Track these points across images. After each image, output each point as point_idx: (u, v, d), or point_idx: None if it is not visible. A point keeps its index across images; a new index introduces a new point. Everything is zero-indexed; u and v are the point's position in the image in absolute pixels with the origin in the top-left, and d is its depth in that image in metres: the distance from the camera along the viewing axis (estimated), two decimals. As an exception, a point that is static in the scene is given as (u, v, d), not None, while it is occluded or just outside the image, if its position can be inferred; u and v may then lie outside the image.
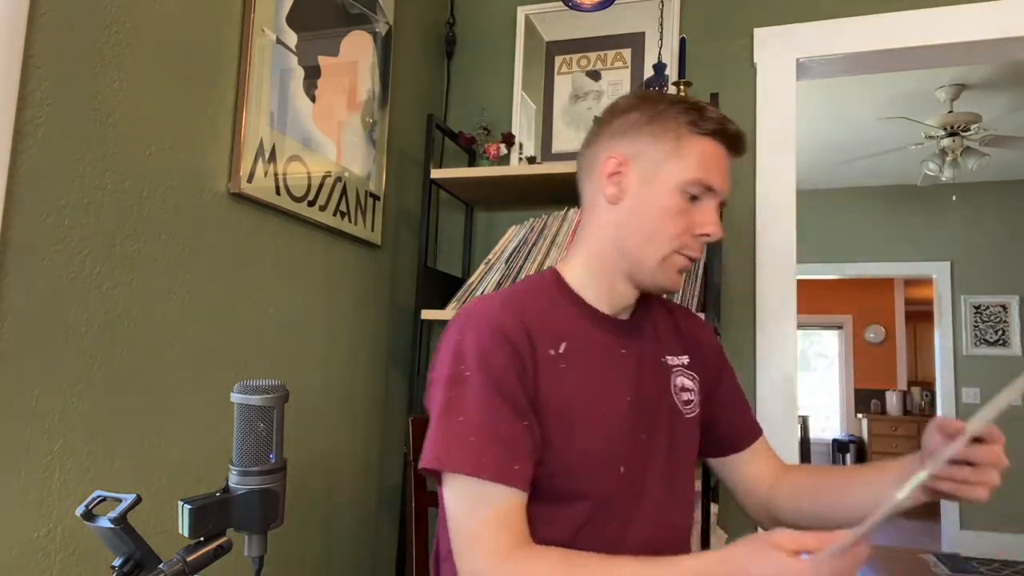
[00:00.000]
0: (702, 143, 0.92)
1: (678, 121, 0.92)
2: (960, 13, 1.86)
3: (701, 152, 0.92)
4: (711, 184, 0.92)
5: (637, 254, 0.94)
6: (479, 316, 0.90)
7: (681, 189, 0.91)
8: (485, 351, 0.87)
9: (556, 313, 0.95)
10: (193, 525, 0.72)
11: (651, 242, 0.92)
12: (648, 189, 0.93)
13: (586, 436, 0.90)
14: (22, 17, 0.96)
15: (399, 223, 2.02)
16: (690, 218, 0.92)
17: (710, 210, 0.93)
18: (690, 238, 0.93)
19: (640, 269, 0.94)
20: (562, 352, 0.91)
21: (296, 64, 1.53)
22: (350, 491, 1.77)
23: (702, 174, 0.91)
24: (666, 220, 0.92)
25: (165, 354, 1.22)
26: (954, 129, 3.99)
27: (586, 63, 2.14)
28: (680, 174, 0.91)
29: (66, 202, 1.05)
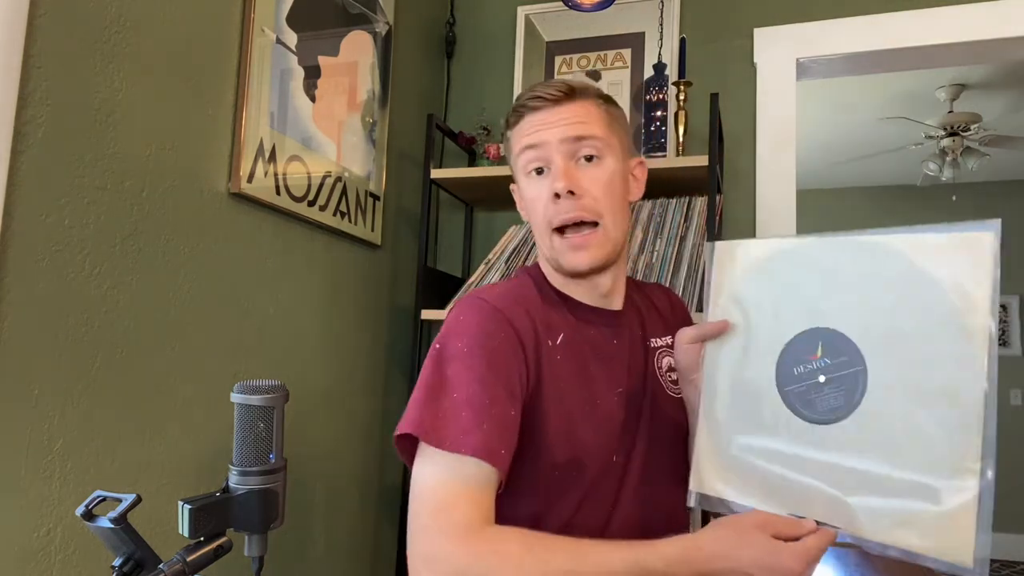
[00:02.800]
0: (516, 130, 0.98)
1: (504, 132, 1.02)
2: (960, 13, 1.86)
3: (518, 134, 0.97)
4: (530, 144, 0.94)
5: (544, 253, 0.99)
6: (485, 299, 0.90)
7: (523, 172, 0.97)
8: (488, 332, 0.87)
9: (552, 307, 0.96)
10: (193, 525, 0.72)
11: (539, 235, 0.97)
12: (524, 196, 0.99)
13: (582, 427, 0.90)
14: (22, 17, 0.96)
15: (399, 223, 2.02)
16: (545, 189, 0.94)
17: (555, 169, 0.93)
18: (552, 207, 0.93)
19: (549, 258, 0.98)
20: (559, 343, 0.92)
21: (296, 64, 1.53)
22: (350, 491, 1.77)
23: (519, 144, 0.96)
24: (532, 208, 0.97)
25: (165, 354, 1.22)
26: (954, 129, 3.99)
27: (586, 63, 2.14)
28: (516, 162, 0.98)
29: (66, 202, 1.05)
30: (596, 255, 0.93)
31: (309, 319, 1.61)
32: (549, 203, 0.92)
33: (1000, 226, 0.73)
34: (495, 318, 0.88)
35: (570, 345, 0.93)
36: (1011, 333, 5.06)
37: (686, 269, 1.75)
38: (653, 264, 1.77)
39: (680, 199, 1.83)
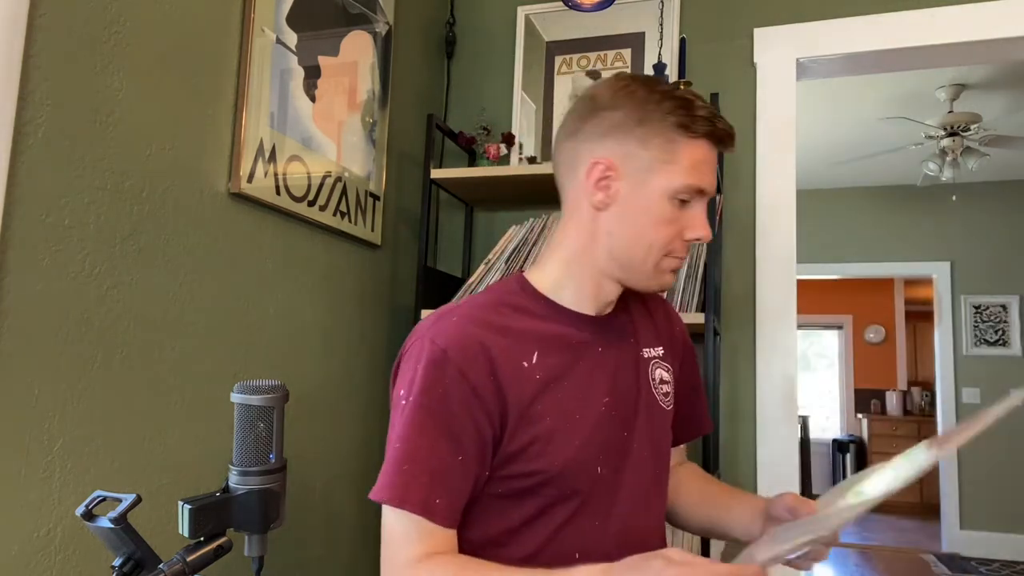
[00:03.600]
0: (693, 146, 0.88)
1: (667, 123, 0.88)
2: (960, 13, 1.86)
3: (692, 156, 0.88)
4: (702, 187, 0.90)
5: (629, 261, 0.92)
6: (433, 339, 0.87)
7: (672, 195, 0.88)
8: (427, 381, 0.85)
9: (524, 322, 0.92)
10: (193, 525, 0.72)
11: (643, 249, 0.90)
12: (638, 196, 0.89)
13: (565, 442, 0.89)
14: (22, 17, 0.96)
15: (399, 223, 2.02)
16: (680, 222, 0.90)
17: (700, 213, 0.91)
18: (680, 242, 0.91)
19: (632, 274, 0.93)
20: (534, 362, 0.90)
21: (296, 64, 1.53)
22: (350, 491, 1.77)
23: (694, 179, 0.88)
24: (658, 227, 0.89)
25: (165, 354, 1.22)
26: (954, 129, 3.99)
27: (586, 63, 2.14)
28: (672, 181, 0.88)
29: (66, 202, 1.05)
30: None
31: (309, 319, 1.61)
32: (678, 237, 0.91)
33: None
34: (439, 364, 0.86)
35: (549, 360, 0.91)
36: (1011, 333, 5.06)
37: (686, 269, 1.75)
38: (653, 264, 1.77)
39: (680, 199, 1.82)
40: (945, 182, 5.17)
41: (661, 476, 1.00)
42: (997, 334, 5.08)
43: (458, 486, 0.85)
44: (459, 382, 0.85)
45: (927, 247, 5.29)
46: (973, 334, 5.12)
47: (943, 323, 5.20)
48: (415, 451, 0.85)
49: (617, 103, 0.90)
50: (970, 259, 5.19)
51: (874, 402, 7.54)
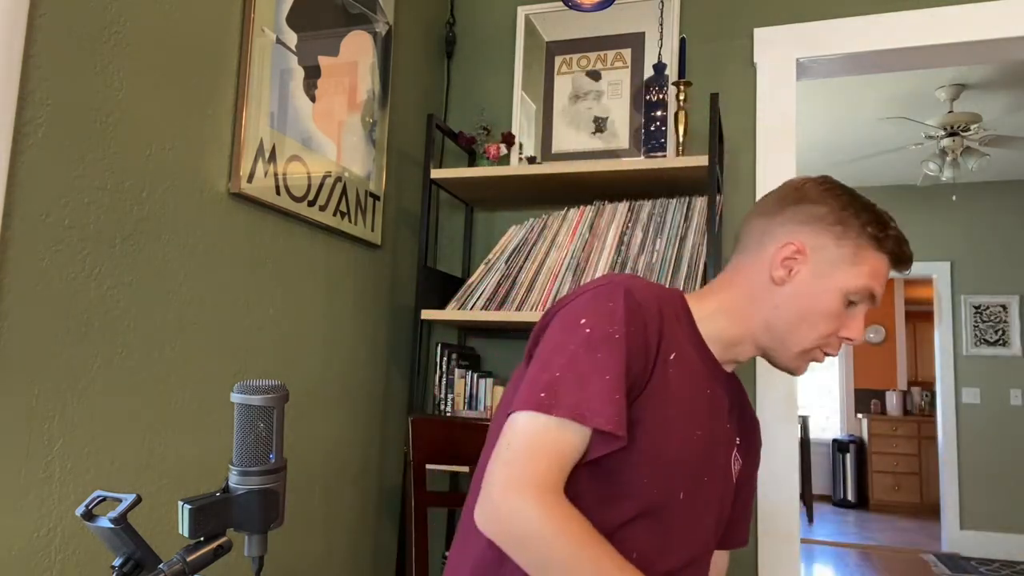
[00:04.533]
0: (878, 258, 0.96)
1: (863, 231, 0.96)
2: (960, 13, 1.86)
3: (875, 266, 0.96)
4: (874, 294, 0.96)
5: (783, 338, 0.97)
6: (632, 291, 0.90)
7: (846, 294, 0.95)
8: (633, 322, 0.88)
9: (679, 328, 0.97)
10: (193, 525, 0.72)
11: (801, 334, 0.96)
12: (816, 284, 0.96)
13: (665, 443, 0.90)
14: (22, 17, 0.96)
15: (399, 223, 2.02)
16: (841, 321, 0.96)
17: (860, 316, 0.97)
18: (835, 338, 0.97)
19: (780, 352, 0.98)
20: (672, 360, 0.93)
21: (296, 64, 1.53)
22: (350, 491, 1.77)
23: (870, 283, 0.95)
24: (824, 319, 0.95)
25: (165, 354, 1.22)
26: (954, 129, 3.99)
27: (586, 63, 2.14)
28: (850, 281, 0.95)
29: (66, 202, 1.05)
30: None
31: (309, 319, 1.61)
32: (834, 333, 0.97)
33: None
34: (639, 313, 0.89)
35: (681, 370, 0.94)
36: (1011, 333, 5.06)
37: (686, 269, 1.75)
38: (653, 264, 1.77)
39: (680, 199, 1.83)
40: (945, 182, 5.17)
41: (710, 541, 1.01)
42: (997, 334, 5.08)
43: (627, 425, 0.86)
44: (644, 327, 0.89)
45: (927, 247, 5.29)
46: (973, 334, 5.12)
47: (943, 323, 5.20)
48: (602, 376, 0.83)
49: (823, 200, 0.99)
50: (970, 259, 5.19)
51: (874, 402, 7.54)
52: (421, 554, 1.23)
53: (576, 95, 2.13)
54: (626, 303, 0.88)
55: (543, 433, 0.82)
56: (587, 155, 2.07)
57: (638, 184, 1.88)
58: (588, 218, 1.85)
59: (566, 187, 1.95)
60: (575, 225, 1.85)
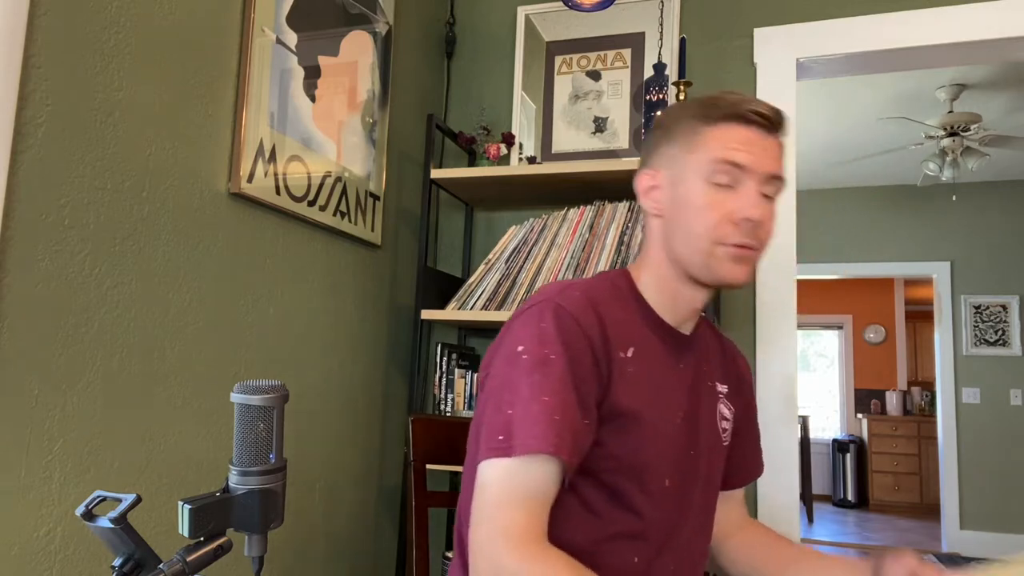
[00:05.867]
0: (718, 130, 0.91)
1: (690, 119, 0.93)
2: (960, 13, 1.86)
3: (719, 137, 0.90)
4: (735, 161, 0.89)
5: (683, 256, 0.93)
6: (563, 305, 0.88)
7: (706, 179, 0.90)
8: (569, 339, 0.86)
9: (628, 317, 0.94)
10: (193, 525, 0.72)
11: (691, 239, 0.91)
12: (678, 192, 0.93)
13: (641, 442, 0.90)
14: (22, 17, 0.96)
15: (399, 223, 2.02)
16: (727, 206, 0.90)
17: (748, 193, 0.90)
18: (730, 227, 0.90)
19: (693, 268, 0.93)
20: (630, 356, 0.91)
21: (296, 64, 1.53)
22: (350, 491, 1.77)
23: (722, 154, 0.89)
24: (698, 215, 0.90)
25: (165, 354, 1.22)
26: (954, 129, 3.99)
27: (586, 63, 2.14)
28: (701, 164, 0.90)
29: (66, 202, 1.05)
30: (751, 271, 0.93)
31: (309, 319, 1.61)
32: (726, 221, 0.90)
33: None
34: (574, 328, 0.86)
35: (641, 359, 0.92)
36: (1011, 333, 5.06)
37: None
38: (653, 264, 1.77)
39: (680, 199, 1.82)
40: (945, 182, 5.17)
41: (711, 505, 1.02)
42: (997, 334, 5.08)
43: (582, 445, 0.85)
44: (585, 346, 0.86)
45: (927, 247, 5.29)
46: (973, 334, 5.12)
47: (943, 323, 5.20)
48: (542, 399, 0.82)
49: (656, 125, 0.99)
50: (970, 259, 5.19)
51: (874, 402, 7.54)
52: (421, 554, 1.23)
53: (576, 95, 2.13)
54: (556, 321, 0.86)
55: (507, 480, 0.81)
56: (587, 155, 2.07)
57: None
58: (588, 218, 1.85)
59: (566, 187, 1.95)
60: (575, 225, 1.85)
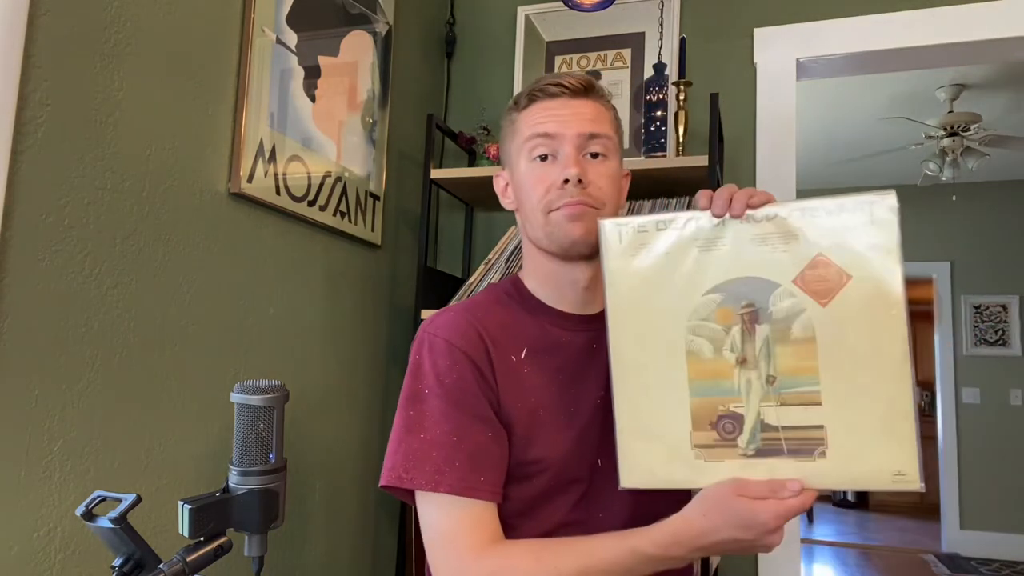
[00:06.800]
0: (527, 112, 0.96)
1: (508, 113, 1.00)
2: (960, 13, 1.86)
3: (528, 117, 0.96)
4: (543, 132, 0.93)
5: (534, 236, 0.97)
6: (435, 332, 0.92)
7: (527, 158, 0.95)
8: (443, 367, 0.89)
9: (517, 320, 0.96)
10: (193, 525, 0.72)
11: (532, 218, 0.96)
12: (516, 180, 0.99)
13: (558, 434, 0.91)
14: (22, 17, 0.96)
15: (399, 223, 2.02)
16: (551, 176, 0.93)
17: (564, 157, 0.93)
18: (555, 192, 0.93)
19: (543, 244, 0.96)
20: (523, 358, 0.93)
21: (296, 64, 1.53)
22: (350, 491, 1.77)
23: (531, 130, 0.94)
24: (530, 192, 0.95)
25: (165, 354, 1.22)
26: (954, 129, 3.99)
27: (586, 63, 2.14)
28: (520, 146, 0.96)
29: (66, 202, 1.05)
30: (591, 227, 0.91)
31: (309, 319, 1.61)
32: (553, 188, 0.93)
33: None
34: (448, 352, 0.90)
35: (538, 357, 0.94)
36: (1011, 333, 5.06)
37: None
38: (653, 264, 1.77)
39: (680, 199, 1.82)
40: (945, 182, 5.17)
41: None
42: (997, 334, 5.08)
43: (495, 461, 0.88)
44: (469, 366, 0.89)
45: (927, 247, 5.29)
46: (973, 334, 5.12)
47: (943, 323, 5.20)
48: (442, 437, 0.86)
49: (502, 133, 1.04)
50: (970, 259, 5.19)
51: (874, 402, 7.53)
52: (420, 554, 1.23)
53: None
54: (429, 351, 0.91)
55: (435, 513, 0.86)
56: (587, 155, 2.07)
57: (638, 184, 1.88)
58: (588, 218, 1.84)
59: (566, 187, 1.94)
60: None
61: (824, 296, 0.76)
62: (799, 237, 0.77)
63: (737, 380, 0.78)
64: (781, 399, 0.76)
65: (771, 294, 0.77)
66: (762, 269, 0.78)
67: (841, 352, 0.75)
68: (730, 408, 0.77)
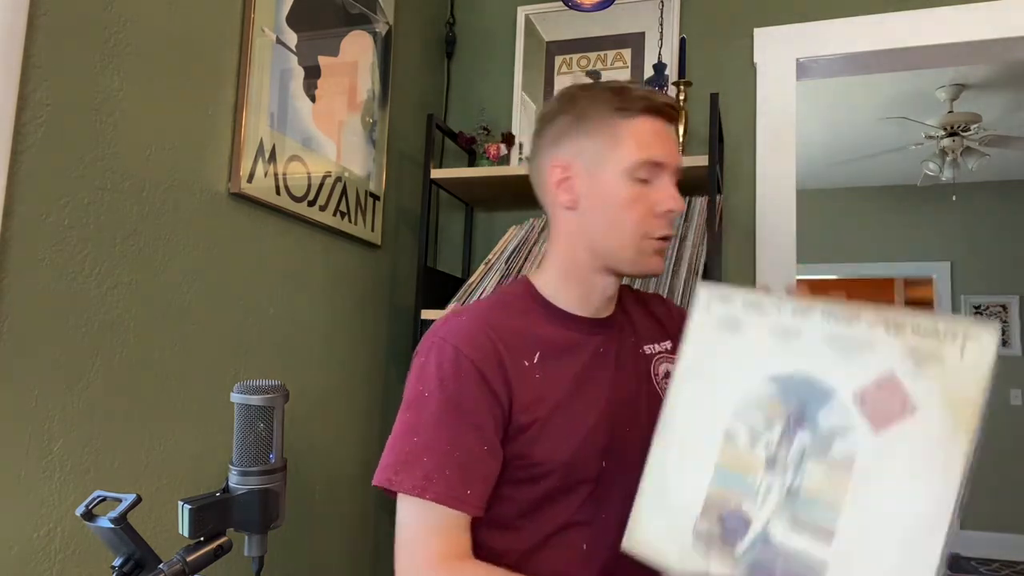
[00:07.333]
0: (635, 124, 0.92)
1: (604, 110, 0.93)
2: (960, 13, 1.85)
3: (636, 133, 0.92)
4: (656, 159, 0.92)
5: (609, 249, 0.95)
6: (445, 337, 0.91)
7: (629, 175, 0.92)
8: (447, 373, 0.88)
9: (529, 323, 0.96)
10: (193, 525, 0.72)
11: (617, 234, 0.93)
12: (598, 185, 0.93)
13: (565, 437, 0.91)
14: (22, 17, 0.96)
15: (399, 223, 2.02)
16: (648, 200, 0.93)
17: (666, 186, 0.94)
18: (653, 219, 0.93)
19: (618, 262, 0.95)
20: (535, 362, 0.92)
21: (296, 64, 1.53)
22: (350, 491, 1.77)
23: (644, 154, 0.92)
24: (626, 210, 0.92)
25: (165, 354, 1.22)
26: (954, 129, 3.99)
27: (586, 63, 2.14)
28: (623, 161, 0.92)
29: (66, 202, 1.05)
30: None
31: (309, 319, 1.61)
32: (650, 215, 0.93)
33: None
34: (455, 359, 0.89)
35: (550, 360, 0.94)
36: (1011, 333, 5.06)
37: (686, 269, 1.75)
38: (653, 264, 1.77)
39: (680, 199, 1.82)
40: (945, 182, 5.17)
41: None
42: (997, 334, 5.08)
43: (485, 474, 0.87)
44: (475, 376, 0.88)
45: (927, 247, 5.29)
46: (973, 334, 5.12)
47: (943, 323, 5.19)
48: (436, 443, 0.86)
49: (560, 110, 0.97)
50: (970, 259, 5.19)
51: (874, 402, 7.53)
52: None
53: (576, 95, 2.13)
54: (437, 356, 0.89)
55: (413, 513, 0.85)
56: (587, 155, 2.07)
57: (638, 184, 1.88)
58: (588, 218, 1.84)
59: (566, 187, 1.94)
60: (575, 225, 1.84)
61: (880, 422, 0.66)
62: (875, 349, 0.68)
63: (759, 481, 0.71)
64: (794, 518, 0.68)
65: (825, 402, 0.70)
66: (825, 372, 0.71)
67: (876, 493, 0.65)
68: (742, 507, 0.71)
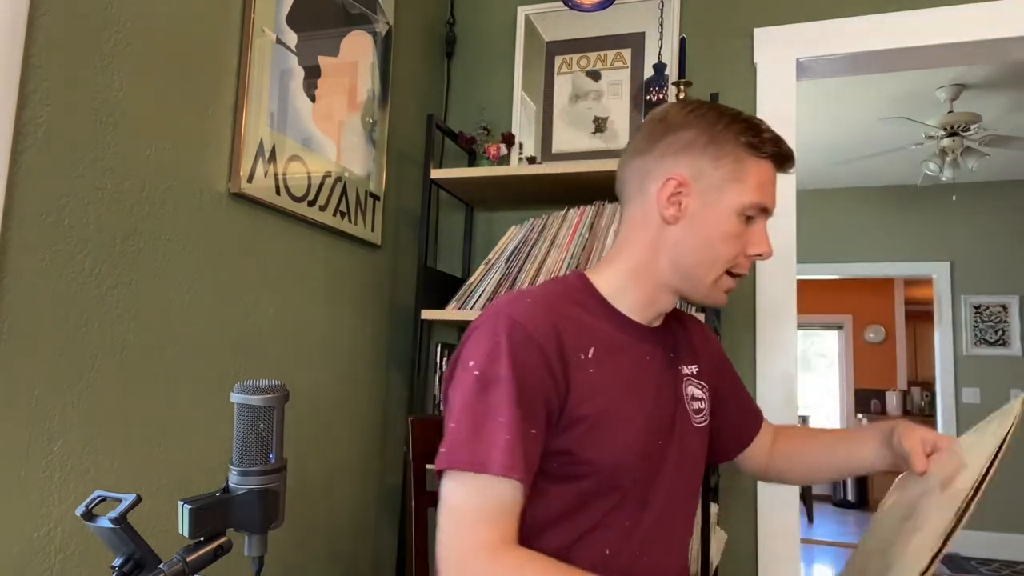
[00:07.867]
0: (760, 166, 0.93)
1: (737, 143, 0.93)
2: (960, 13, 1.86)
3: (759, 175, 0.93)
4: (767, 206, 0.94)
5: (693, 273, 0.95)
6: (514, 317, 0.88)
7: (740, 212, 0.93)
8: (519, 355, 0.86)
9: (586, 318, 0.95)
10: (193, 525, 0.72)
11: (708, 263, 0.94)
12: (708, 212, 0.93)
13: (612, 440, 0.91)
14: (22, 17, 0.96)
15: (399, 223, 2.02)
16: (744, 239, 0.94)
17: (763, 230, 0.96)
18: (743, 258, 0.95)
19: (694, 287, 0.96)
20: (591, 357, 0.91)
21: (296, 64, 1.53)
22: (350, 491, 1.77)
23: (760, 197, 0.93)
24: (725, 243, 0.93)
25: (165, 354, 1.22)
26: (954, 129, 3.99)
27: (586, 63, 2.14)
28: (740, 198, 0.92)
29: (66, 202, 1.05)
30: None
31: (309, 319, 1.61)
32: (741, 254, 0.95)
33: None
34: (526, 340, 0.86)
35: (603, 358, 0.93)
36: (1011, 333, 5.06)
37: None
38: (653, 264, 1.77)
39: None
40: (945, 182, 5.17)
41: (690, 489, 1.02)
42: (997, 334, 5.08)
43: (533, 459, 0.86)
44: (538, 358, 0.86)
45: (927, 247, 5.29)
46: (973, 334, 5.12)
47: (943, 323, 5.20)
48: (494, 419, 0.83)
49: (689, 124, 0.95)
50: (970, 259, 5.19)
51: (874, 402, 7.53)
52: (421, 554, 1.23)
53: (576, 95, 2.13)
54: (508, 335, 0.86)
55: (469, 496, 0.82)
56: (587, 155, 2.07)
57: (638, 184, 1.88)
58: (588, 218, 1.85)
59: (566, 187, 1.95)
60: (575, 225, 1.85)
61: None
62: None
63: None
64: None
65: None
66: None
67: None
68: None
